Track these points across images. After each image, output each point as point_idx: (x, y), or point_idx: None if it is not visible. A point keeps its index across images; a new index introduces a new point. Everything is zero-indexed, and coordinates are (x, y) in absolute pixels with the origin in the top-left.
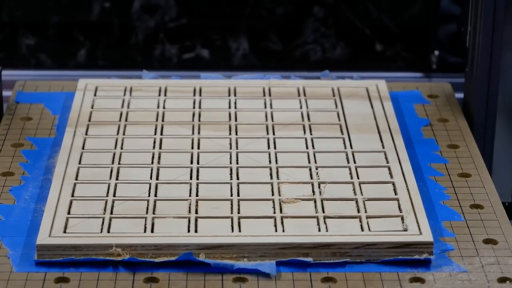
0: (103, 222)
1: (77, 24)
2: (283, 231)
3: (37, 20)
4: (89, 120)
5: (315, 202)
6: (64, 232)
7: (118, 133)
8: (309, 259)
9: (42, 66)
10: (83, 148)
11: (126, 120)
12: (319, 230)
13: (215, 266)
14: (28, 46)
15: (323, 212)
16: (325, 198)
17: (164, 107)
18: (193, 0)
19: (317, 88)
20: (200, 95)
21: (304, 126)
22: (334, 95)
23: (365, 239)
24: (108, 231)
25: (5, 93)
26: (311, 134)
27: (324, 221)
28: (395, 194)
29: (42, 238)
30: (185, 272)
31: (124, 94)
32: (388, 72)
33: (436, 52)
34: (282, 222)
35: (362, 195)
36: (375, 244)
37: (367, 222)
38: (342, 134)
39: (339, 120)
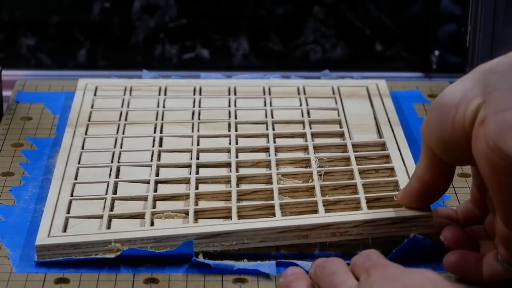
0: (102, 221)
1: (77, 24)
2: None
3: (37, 20)
4: (89, 120)
5: (314, 190)
6: (64, 232)
7: (117, 132)
8: (308, 264)
9: (42, 66)
10: (82, 148)
11: (126, 119)
12: (318, 212)
13: (215, 266)
14: (28, 46)
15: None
16: (324, 185)
17: (164, 107)
18: (193, 0)
19: (317, 87)
20: (200, 94)
21: (303, 124)
22: (334, 94)
23: (364, 217)
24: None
25: (5, 93)
26: (311, 131)
27: (323, 205)
28: (395, 176)
29: (41, 238)
30: (185, 273)
31: (124, 94)
32: (388, 72)
33: (436, 52)
34: (281, 209)
35: (361, 179)
36: (374, 220)
37: (366, 203)
38: (342, 133)
39: (339, 117)
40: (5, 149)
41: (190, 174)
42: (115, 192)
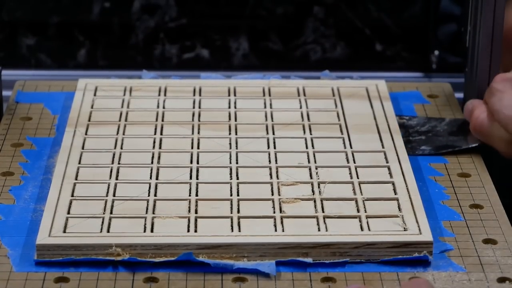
0: (102, 222)
1: (77, 24)
2: (283, 230)
3: (37, 20)
4: (89, 120)
5: (314, 202)
6: (64, 231)
7: (118, 133)
8: (309, 260)
9: (42, 66)
10: (83, 148)
11: (126, 120)
12: (319, 230)
13: (214, 266)
14: (28, 46)
15: (323, 212)
16: (324, 198)
17: (164, 107)
18: (193, 0)
19: (317, 88)
20: (200, 95)
21: (304, 126)
22: (334, 95)
23: (364, 239)
24: (108, 231)
25: (5, 93)
26: (311, 134)
27: (324, 221)
28: (395, 194)
29: (42, 238)
30: (184, 272)
31: (124, 94)
32: (388, 72)
33: (436, 52)
34: (282, 222)
35: (362, 195)
36: (374, 244)
37: (367, 222)
38: (342, 134)
39: (339, 120)
40: (5, 149)
41: (190, 174)
42: (115, 192)
